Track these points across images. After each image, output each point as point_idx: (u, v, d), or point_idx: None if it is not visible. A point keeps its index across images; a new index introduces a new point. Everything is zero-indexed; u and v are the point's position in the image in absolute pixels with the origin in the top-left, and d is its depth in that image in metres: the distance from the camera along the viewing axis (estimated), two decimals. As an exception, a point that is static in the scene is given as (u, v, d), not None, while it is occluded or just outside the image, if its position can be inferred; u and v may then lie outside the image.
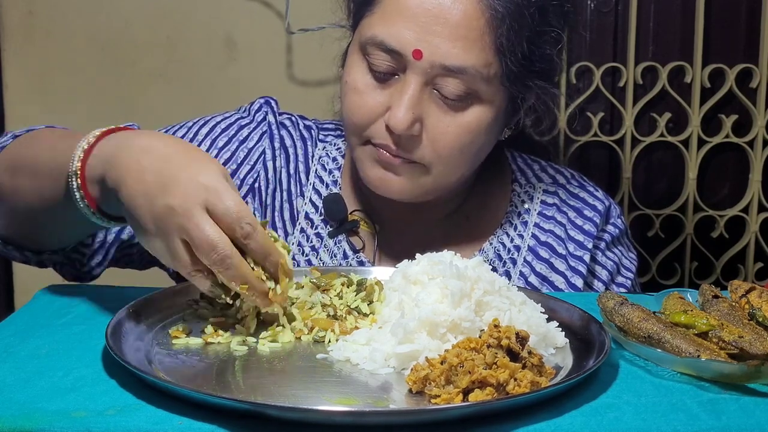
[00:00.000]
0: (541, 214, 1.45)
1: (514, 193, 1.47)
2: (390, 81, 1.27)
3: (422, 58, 1.22)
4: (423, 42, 1.22)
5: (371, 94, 1.28)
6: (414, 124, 1.25)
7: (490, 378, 0.84)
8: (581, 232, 1.44)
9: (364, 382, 0.91)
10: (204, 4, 2.13)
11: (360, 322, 1.04)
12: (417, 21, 1.23)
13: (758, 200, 2.21)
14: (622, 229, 1.50)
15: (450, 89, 1.25)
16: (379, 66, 1.27)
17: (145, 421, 0.80)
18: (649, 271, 2.24)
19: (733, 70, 2.14)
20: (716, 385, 0.90)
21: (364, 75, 1.29)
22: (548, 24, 1.30)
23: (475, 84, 1.25)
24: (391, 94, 1.27)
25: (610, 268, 1.46)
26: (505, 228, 1.44)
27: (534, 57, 1.29)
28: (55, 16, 2.13)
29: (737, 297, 1.09)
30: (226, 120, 1.45)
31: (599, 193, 1.51)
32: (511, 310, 1.01)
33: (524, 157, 1.54)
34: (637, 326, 0.99)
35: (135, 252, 1.38)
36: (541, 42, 1.30)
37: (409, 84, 1.25)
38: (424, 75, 1.24)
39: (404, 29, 1.23)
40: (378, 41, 1.25)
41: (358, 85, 1.29)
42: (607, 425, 0.81)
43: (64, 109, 2.15)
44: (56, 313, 1.11)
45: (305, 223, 1.41)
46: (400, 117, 1.24)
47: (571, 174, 1.53)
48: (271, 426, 0.79)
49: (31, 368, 0.91)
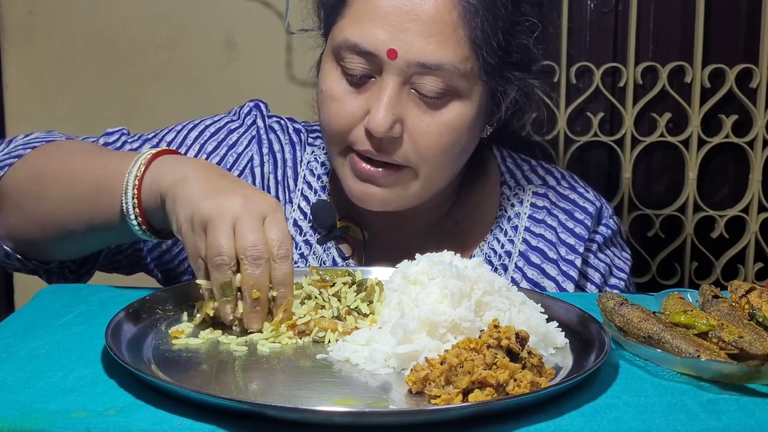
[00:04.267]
0: (531, 218, 1.43)
1: (504, 197, 1.45)
2: (366, 85, 1.25)
3: (397, 57, 1.21)
4: (397, 41, 1.21)
5: (348, 100, 1.26)
6: (394, 125, 1.23)
7: (489, 378, 0.84)
8: (572, 235, 1.42)
9: (363, 383, 0.91)
10: (204, 4, 2.13)
11: (360, 322, 1.04)
12: (389, 20, 1.21)
13: (758, 200, 2.21)
14: (614, 229, 1.48)
15: (428, 87, 1.23)
16: (353, 70, 1.25)
17: (145, 422, 0.80)
18: (649, 271, 2.23)
19: (733, 70, 2.14)
20: (716, 385, 0.90)
21: (339, 81, 1.27)
22: (522, 13, 1.29)
23: (452, 80, 1.23)
24: (368, 98, 1.25)
25: (602, 270, 1.44)
26: (496, 233, 1.42)
27: (510, 47, 1.27)
28: (55, 16, 2.13)
29: (737, 297, 1.08)
30: (215, 124, 1.44)
31: (590, 194, 1.49)
32: (510, 311, 1.01)
33: (513, 156, 1.52)
34: (637, 326, 0.99)
35: (122, 258, 1.38)
36: (516, 32, 1.28)
37: (386, 85, 1.23)
38: (400, 75, 1.22)
39: (376, 29, 1.22)
40: (351, 44, 1.24)
41: (334, 92, 1.27)
42: (607, 425, 0.81)
43: (64, 109, 2.15)
44: (56, 314, 1.11)
45: (294, 230, 1.40)
46: (379, 119, 1.22)
47: (561, 174, 1.51)
48: (271, 426, 0.79)
49: (31, 368, 0.91)
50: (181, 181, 1.08)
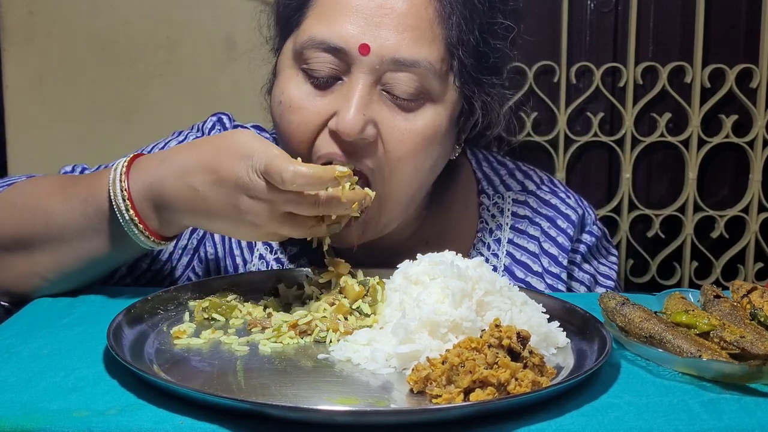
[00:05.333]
0: (513, 229, 1.38)
1: (483, 207, 1.39)
2: (332, 87, 1.15)
3: (370, 53, 1.11)
4: (369, 35, 1.12)
5: (311, 105, 1.15)
6: (366, 126, 1.13)
7: (491, 378, 0.84)
8: (555, 245, 1.37)
9: (365, 382, 0.91)
10: (204, 4, 2.13)
11: (361, 322, 1.04)
12: (360, 14, 1.13)
13: (758, 200, 2.21)
14: (598, 236, 1.44)
15: (401, 88, 1.14)
16: (319, 71, 1.14)
17: (147, 421, 0.79)
18: (649, 271, 2.24)
19: (733, 70, 2.14)
20: (717, 385, 0.90)
21: (301, 86, 1.16)
22: (497, 15, 1.23)
23: (426, 81, 1.15)
24: (334, 100, 1.15)
25: (587, 282, 1.41)
26: (479, 248, 1.36)
27: (487, 48, 1.21)
28: (55, 16, 2.13)
29: (739, 297, 1.09)
30: (180, 143, 1.37)
31: (571, 199, 1.43)
32: (512, 310, 1.01)
33: (490, 159, 1.45)
34: (638, 326, 0.99)
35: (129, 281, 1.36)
36: (492, 33, 1.22)
37: (356, 84, 1.13)
38: (372, 73, 1.13)
39: (346, 24, 1.13)
40: (317, 41, 1.14)
41: (295, 100, 1.16)
42: (609, 425, 0.81)
43: (64, 109, 2.15)
44: (58, 314, 1.11)
45: (264, 249, 1.34)
46: (350, 119, 1.11)
47: (540, 178, 1.45)
48: (273, 426, 0.79)
49: (32, 368, 0.91)
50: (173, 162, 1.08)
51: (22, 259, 1.16)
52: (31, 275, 1.16)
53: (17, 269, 1.17)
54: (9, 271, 1.17)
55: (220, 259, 1.34)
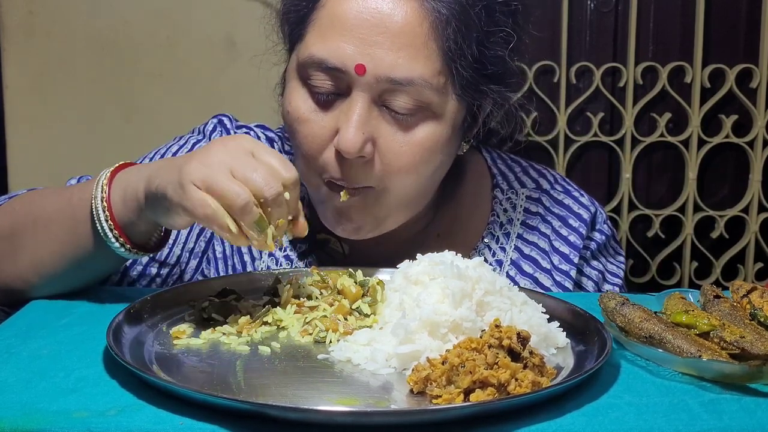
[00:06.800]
0: (524, 224, 1.39)
1: (496, 201, 1.40)
2: (335, 103, 1.18)
3: (366, 73, 1.13)
4: (365, 55, 1.13)
5: (316, 121, 1.18)
6: (365, 145, 1.15)
7: (491, 378, 0.84)
8: (566, 244, 1.38)
9: (365, 383, 0.91)
10: (204, 4, 2.13)
11: (361, 322, 1.04)
12: (356, 34, 1.14)
13: (758, 200, 2.21)
14: (608, 234, 1.45)
15: (399, 104, 1.16)
16: (320, 88, 1.17)
17: (146, 422, 0.79)
18: (649, 271, 2.24)
19: (733, 70, 2.15)
20: (718, 385, 0.90)
21: (306, 101, 1.19)
22: (496, 24, 1.21)
23: (424, 96, 1.16)
24: (336, 117, 1.17)
25: (595, 278, 1.42)
26: (487, 241, 1.38)
27: (485, 59, 1.20)
28: (55, 16, 2.13)
29: (739, 297, 1.09)
30: (183, 147, 1.38)
31: (584, 198, 1.44)
32: (512, 310, 1.01)
33: (504, 157, 1.47)
34: (638, 326, 0.98)
35: None
36: (490, 43, 1.21)
37: (355, 103, 1.15)
38: (370, 91, 1.15)
39: (343, 44, 1.14)
40: (317, 61, 1.16)
41: (301, 114, 1.19)
42: (609, 425, 0.81)
43: (64, 109, 2.16)
44: (57, 314, 1.11)
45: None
46: (349, 138, 1.14)
47: (554, 177, 1.46)
48: (272, 426, 0.79)
49: (32, 369, 0.91)
50: (150, 177, 1.07)
51: (7, 260, 1.18)
52: (14, 277, 1.18)
53: (2, 270, 1.19)
54: None
55: (228, 258, 1.35)
